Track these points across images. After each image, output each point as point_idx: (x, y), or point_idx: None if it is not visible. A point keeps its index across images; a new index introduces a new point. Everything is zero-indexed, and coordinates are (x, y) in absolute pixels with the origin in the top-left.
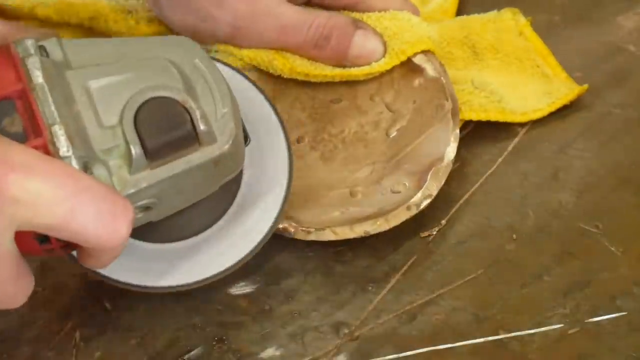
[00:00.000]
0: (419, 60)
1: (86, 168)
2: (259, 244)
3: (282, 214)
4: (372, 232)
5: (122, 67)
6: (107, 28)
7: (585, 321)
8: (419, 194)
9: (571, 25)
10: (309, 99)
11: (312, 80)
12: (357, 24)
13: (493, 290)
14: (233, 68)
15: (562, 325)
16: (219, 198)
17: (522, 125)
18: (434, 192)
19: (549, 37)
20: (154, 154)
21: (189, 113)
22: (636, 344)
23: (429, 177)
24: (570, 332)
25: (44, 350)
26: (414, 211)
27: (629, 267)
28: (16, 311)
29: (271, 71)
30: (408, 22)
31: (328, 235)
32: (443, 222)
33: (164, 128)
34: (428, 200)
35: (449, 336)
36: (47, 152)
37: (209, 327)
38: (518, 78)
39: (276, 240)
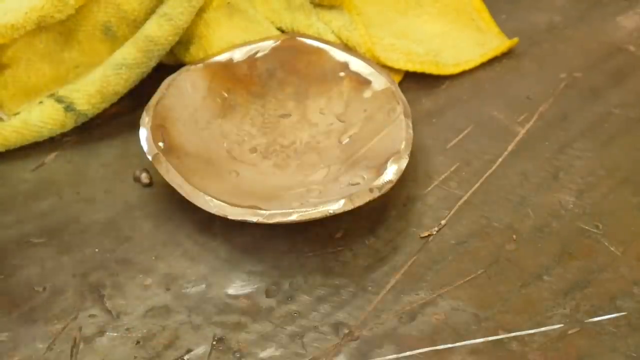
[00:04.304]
0: (368, 74)
1: None
2: None
3: None
4: (337, 212)
5: None
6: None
7: (585, 321)
8: (380, 178)
9: (571, 25)
10: (258, 115)
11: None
12: None
13: (493, 290)
14: None
15: (562, 325)
16: None
17: (520, 124)
18: (394, 177)
19: (549, 37)
20: None
21: None
22: (636, 344)
23: (388, 164)
24: (570, 332)
25: (45, 350)
26: (376, 193)
27: (629, 267)
28: (16, 311)
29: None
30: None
31: (293, 217)
32: (443, 222)
33: None
34: (389, 185)
35: (449, 336)
36: None
37: (209, 327)
38: (453, 27)
39: (276, 240)
